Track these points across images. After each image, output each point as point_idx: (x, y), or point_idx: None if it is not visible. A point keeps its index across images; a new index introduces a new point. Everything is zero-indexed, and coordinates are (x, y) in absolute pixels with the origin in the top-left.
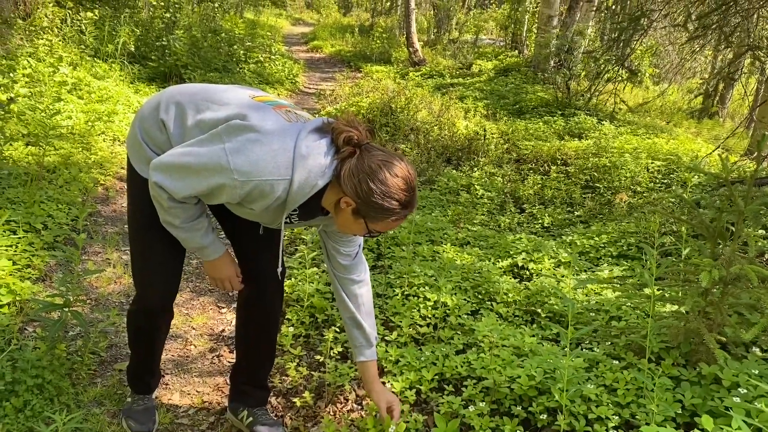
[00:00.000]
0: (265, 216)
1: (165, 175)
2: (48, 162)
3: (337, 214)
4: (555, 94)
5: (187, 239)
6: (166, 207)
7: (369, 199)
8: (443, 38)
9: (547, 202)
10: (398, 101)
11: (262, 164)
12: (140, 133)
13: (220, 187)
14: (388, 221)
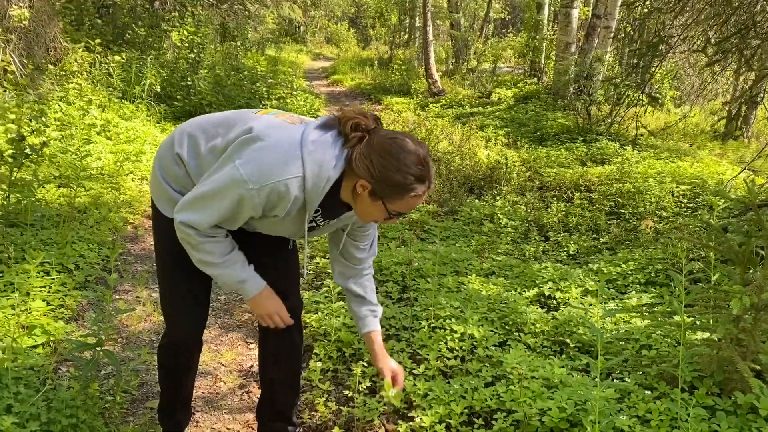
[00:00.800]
0: (290, 224)
1: (188, 211)
2: (79, 203)
3: (355, 201)
4: (576, 121)
5: (226, 276)
6: (195, 244)
7: (383, 176)
8: (462, 68)
9: (572, 230)
10: (419, 132)
11: (273, 168)
12: (160, 172)
13: (240, 202)
14: (406, 199)
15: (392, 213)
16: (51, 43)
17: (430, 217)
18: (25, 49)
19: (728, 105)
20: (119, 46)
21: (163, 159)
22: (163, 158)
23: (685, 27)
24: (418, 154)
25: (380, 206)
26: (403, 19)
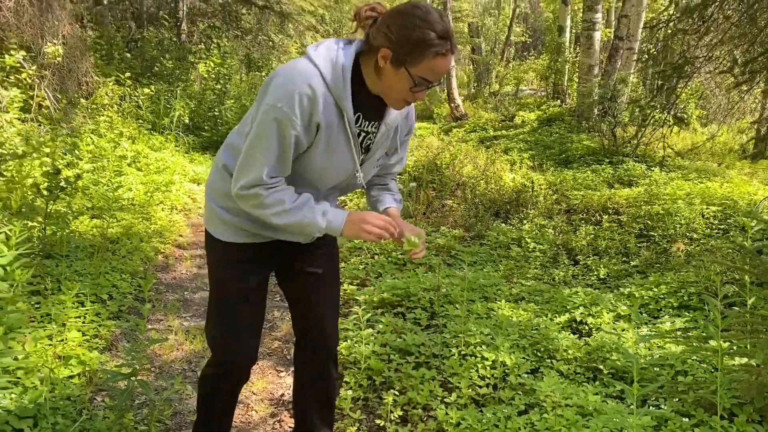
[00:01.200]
0: (343, 149)
1: (242, 174)
2: (111, 233)
3: (381, 80)
4: (601, 142)
5: (307, 216)
6: (263, 200)
7: (403, 35)
8: (484, 91)
9: (602, 253)
10: (443, 157)
11: (293, 79)
12: (210, 197)
13: (279, 128)
14: (429, 59)
15: (417, 79)
16: (83, 77)
17: (457, 242)
18: (58, 84)
19: (757, 124)
20: (148, 79)
21: (214, 183)
22: (214, 182)
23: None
24: (436, 12)
25: (404, 75)
26: None
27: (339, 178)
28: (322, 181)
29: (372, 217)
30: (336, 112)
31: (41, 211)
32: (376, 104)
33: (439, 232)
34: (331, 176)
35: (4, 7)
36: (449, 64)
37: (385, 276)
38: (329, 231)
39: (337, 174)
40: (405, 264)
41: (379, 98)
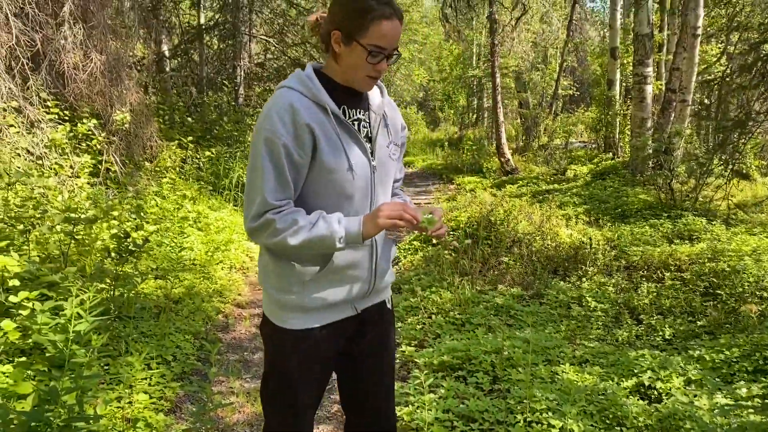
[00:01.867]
0: (350, 146)
1: (249, 207)
2: (174, 293)
3: (342, 65)
4: (658, 196)
5: (325, 230)
6: (278, 224)
7: (344, 10)
8: (533, 145)
9: (666, 312)
10: (497, 213)
11: (267, 107)
12: (265, 280)
13: (270, 148)
14: (375, 26)
15: (371, 49)
16: (147, 142)
17: (516, 301)
18: (125, 149)
19: None
20: (208, 142)
21: (264, 264)
22: (264, 263)
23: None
24: None
25: (357, 48)
26: (471, 100)
27: (360, 177)
28: (345, 189)
29: (384, 206)
30: (320, 110)
31: (111, 274)
32: (354, 95)
33: (496, 291)
34: (351, 177)
35: (78, 79)
36: (398, 29)
37: (443, 337)
38: (350, 238)
39: (357, 171)
40: (464, 324)
41: (355, 90)
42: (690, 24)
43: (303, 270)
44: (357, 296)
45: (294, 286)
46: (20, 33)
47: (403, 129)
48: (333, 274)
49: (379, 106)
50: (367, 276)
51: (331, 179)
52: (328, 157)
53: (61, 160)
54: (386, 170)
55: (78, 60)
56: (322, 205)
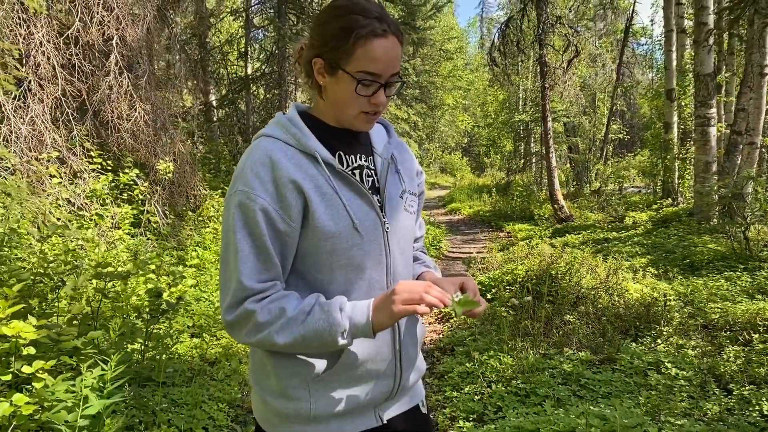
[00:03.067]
0: (343, 191)
1: (223, 296)
2: (210, 354)
3: (329, 101)
4: (731, 246)
5: (323, 322)
6: (263, 320)
7: (323, 35)
8: (584, 190)
9: (760, 382)
10: (558, 266)
11: (240, 166)
12: (256, 381)
13: (245, 214)
14: (362, 46)
15: (360, 77)
16: (191, 191)
17: (585, 367)
18: (167, 199)
19: None
20: None
21: (255, 361)
22: (254, 360)
23: None
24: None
25: (344, 78)
26: (518, 145)
27: (369, 240)
28: (352, 258)
29: (401, 287)
30: (309, 161)
31: (141, 334)
32: (352, 138)
33: (562, 355)
34: (359, 241)
35: (122, 129)
36: (395, 49)
37: (505, 410)
38: (357, 331)
39: (364, 232)
40: (528, 395)
41: (352, 133)
42: (756, 62)
43: (307, 367)
44: (379, 399)
45: (296, 389)
46: (66, 83)
47: (420, 174)
48: (347, 370)
49: (385, 149)
50: (390, 369)
51: (332, 248)
52: (324, 220)
53: (101, 211)
54: (403, 227)
55: (123, 109)
56: (325, 281)
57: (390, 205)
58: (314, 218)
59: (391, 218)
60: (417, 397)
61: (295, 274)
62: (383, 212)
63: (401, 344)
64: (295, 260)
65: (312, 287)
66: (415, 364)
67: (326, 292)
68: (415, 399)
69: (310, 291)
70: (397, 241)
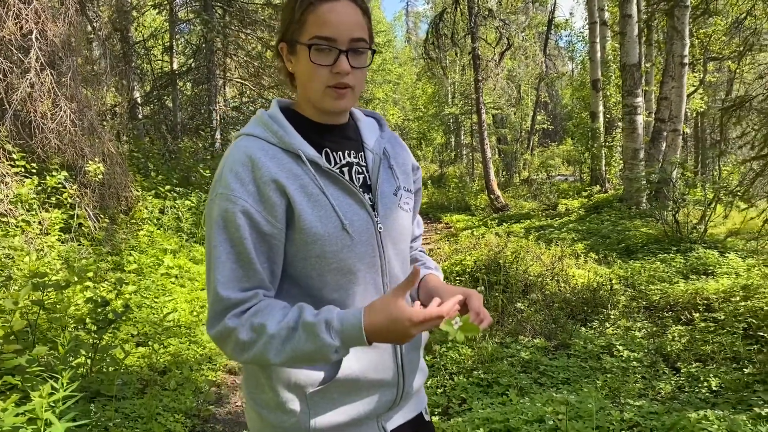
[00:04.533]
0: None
1: (208, 311)
2: (159, 363)
3: (300, 86)
4: (662, 229)
5: (309, 348)
6: (246, 338)
7: (283, 17)
8: (515, 179)
9: (706, 359)
10: (505, 255)
11: (219, 170)
12: (249, 394)
13: (226, 219)
14: (312, 14)
15: (311, 43)
16: (123, 193)
17: (542, 354)
18: (98, 202)
19: None
20: (186, 190)
21: (249, 372)
22: (248, 370)
23: None
24: None
25: (301, 51)
26: (449, 137)
27: (361, 241)
28: (343, 261)
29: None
30: (292, 160)
31: (88, 348)
32: (339, 133)
33: (519, 343)
34: (349, 243)
35: (46, 129)
36: (349, 12)
37: (470, 402)
38: (350, 344)
39: (355, 233)
40: (490, 385)
41: (339, 127)
42: (677, 53)
43: (305, 379)
44: (382, 408)
45: (294, 402)
46: None
47: (416, 170)
48: (347, 381)
49: (377, 144)
50: (392, 377)
51: (321, 251)
52: (311, 221)
53: (28, 217)
54: (398, 226)
55: (46, 109)
56: (316, 287)
57: (383, 203)
58: (300, 220)
59: (384, 217)
60: (420, 404)
61: (288, 279)
62: (375, 211)
63: (403, 352)
64: (286, 265)
65: (306, 292)
66: (417, 369)
67: (319, 297)
68: (418, 407)
69: (305, 296)
70: (392, 241)
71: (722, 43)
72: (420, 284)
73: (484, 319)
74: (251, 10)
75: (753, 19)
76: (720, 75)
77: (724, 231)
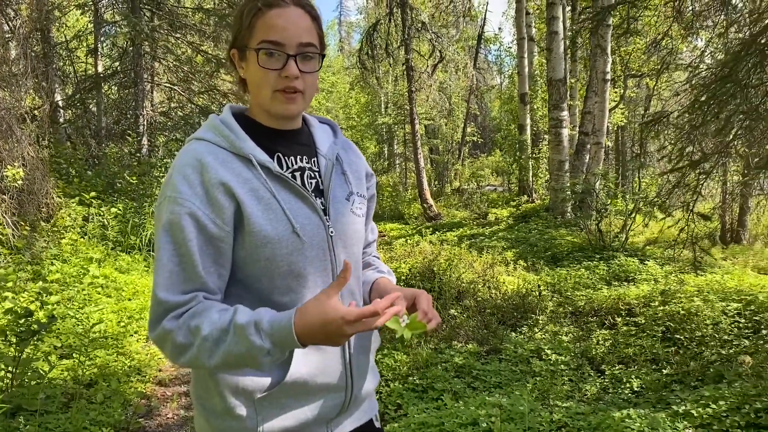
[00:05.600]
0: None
1: (151, 307)
2: (85, 376)
3: (249, 89)
4: (587, 238)
5: (240, 351)
6: (182, 341)
7: (233, 26)
8: (446, 189)
9: (628, 361)
10: (439, 263)
11: (168, 174)
12: (198, 399)
13: (172, 220)
14: (259, 20)
15: (260, 47)
16: (43, 199)
17: (475, 359)
18: (17, 208)
19: (721, 209)
20: (110, 197)
21: (197, 376)
22: (196, 375)
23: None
24: None
25: (251, 56)
26: (382, 147)
27: (312, 245)
28: (293, 265)
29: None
30: (243, 165)
31: (9, 361)
32: (292, 138)
33: (453, 349)
34: (299, 246)
35: None
36: (296, 18)
37: (406, 407)
38: (283, 346)
39: (306, 237)
40: (425, 390)
41: (291, 133)
42: (600, 69)
43: (252, 384)
44: (331, 413)
45: (241, 407)
46: None
47: (370, 177)
48: (295, 385)
49: (330, 150)
50: (341, 381)
51: (271, 254)
52: (261, 224)
53: None
54: (349, 231)
55: None
56: (265, 290)
57: (335, 207)
58: (249, 223)
59: (335, 222)
60: (371, 410)
61: (238, 284)
62: (327, 215)
63: (351, 354)
64: (235, 269)
65: (256, 296)
66: (367, 374)
67: (268, 301)
68: (369, 413)
69: (254, 300)
70: (344, 245)
71: (641, 62)
72: (372, 287)
73: (432, 319)
74: (181, 14)
75: (669, 40)
76: (639, 91)
77: (643, 240)
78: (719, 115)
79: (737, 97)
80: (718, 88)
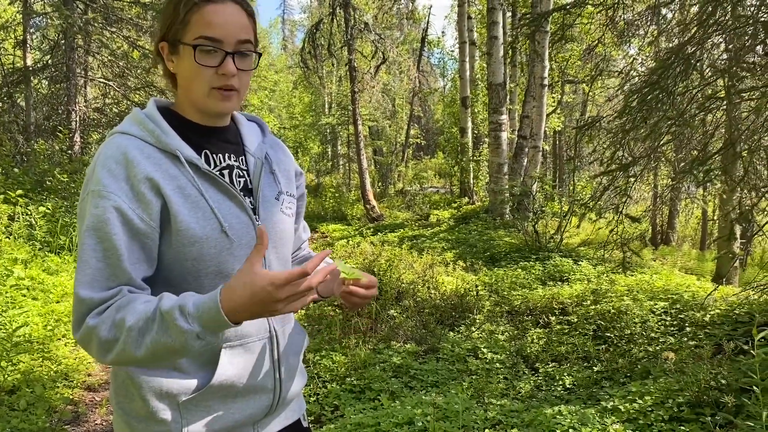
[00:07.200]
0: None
1: (72, 306)
2: (7, 383)
3: (182, 85)
4: (524, 239)
5: (165, 340)
6: (107, 336)
7: (163, 16)
8: (389, 190)
9: (560, 359)
10: (379, 264)
11: (91, 167)
12: (116, 402)
13: (97, 214)
14: (195, 14)
15: (196, 44)
16: None
17: (413, 358)
18: None
19: (651, 211)
20: (39, 195)
21: (119, 381)
22: (117, 380)
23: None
24: None
25: (185, 51)
26: (326, 147)
27: (240, 244)
28: (222, 264)
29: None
30: (169, 161)
31: None
32: (219, 135)
33: (391, 349)
34: (228, 245)
35: None
36: (234, 14)
37: (343, 408)
38: (215, 328)
39: (235, 236)
40: (363, 391)
41: (220, 130)
42: (537, 74)
43: (176, 387)
44: (258, 415)
45: (165, 411)
46: None
47: (300, 176)
48: (221, 387)
49: (259, 148)
50: (269, 382)
51: (198, 253)
52: (188, 222)
53: None
54: (279, 231)
55: None
56: (192, 290)
57: (264, 207)
58: (176, 221)
59: (265, 221)
60: (299, 410)
61: (164, 283)
62: (256, 215)
63: (280, 355)
64: (161, 268)
65: (199, 277)
66: (295, 374)
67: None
68: (296, 413)
69: (200, 281)
70: (273, 245)
71: (577, 68)
72: None
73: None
74: (117, 8)
75: (603, 47)
76: (575, 97)
77: (577, 241)
78: (648, 121)
79: (665, 104)
80: (647, 95)
